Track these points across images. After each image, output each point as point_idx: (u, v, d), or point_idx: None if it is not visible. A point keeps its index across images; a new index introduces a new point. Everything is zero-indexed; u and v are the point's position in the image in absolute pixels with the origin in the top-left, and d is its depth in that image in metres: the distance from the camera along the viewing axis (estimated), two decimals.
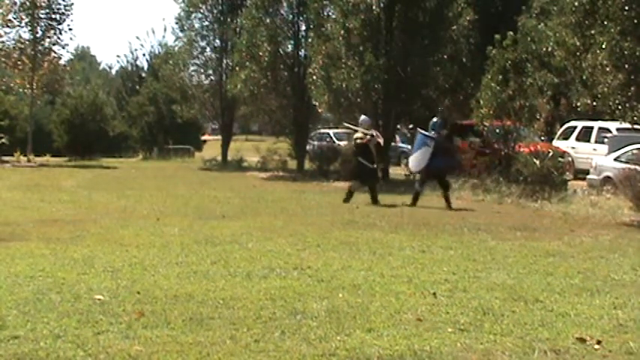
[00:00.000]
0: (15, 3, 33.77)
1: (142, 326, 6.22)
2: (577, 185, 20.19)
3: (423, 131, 17.41)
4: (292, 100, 28.19)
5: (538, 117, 20.98)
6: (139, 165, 33.86)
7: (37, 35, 33.89)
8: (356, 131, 17.49)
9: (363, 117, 17.97)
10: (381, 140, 17.52)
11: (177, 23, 33.95)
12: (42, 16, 33.93)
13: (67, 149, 38.81)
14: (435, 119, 17.54)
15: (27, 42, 33.99)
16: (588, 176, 20.47)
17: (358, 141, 17.14)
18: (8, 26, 33.90)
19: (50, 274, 8.19)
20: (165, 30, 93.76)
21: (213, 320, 6.45)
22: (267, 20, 27.84)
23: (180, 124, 40.76)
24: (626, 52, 14.87)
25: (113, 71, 70.11)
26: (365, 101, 22.86)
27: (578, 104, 19.64)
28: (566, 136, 25.96)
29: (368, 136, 17.08)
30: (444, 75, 24.16)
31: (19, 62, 33.77)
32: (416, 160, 17.15)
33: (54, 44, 34.24)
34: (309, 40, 27.06)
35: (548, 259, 9.83)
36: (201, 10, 33.28)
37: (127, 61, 55.49)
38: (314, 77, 23.77)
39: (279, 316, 6.60)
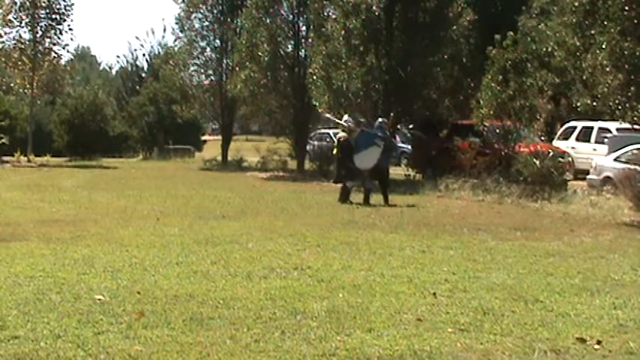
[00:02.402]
0: (15, 3, 33.75)
1: (142, 326, 6.23)
2: (577, 185, 20.18)
3: (367, 130, 18.01)
4: (292, 100, 28.16)
5: (538, 117, 20.95)
6: (139, 165, 33.85)
7: (37, 35, 33.86)
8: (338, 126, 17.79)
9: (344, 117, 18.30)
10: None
11: (177, 23, 33.92)
12: (42, 16, 33.89)
13: (67, 149, 38.76)
14: (380, 120, 18.09)
15: (27, 42, 33.94)
16: (588, 176, 20.45)
17: (342, 139, 17.37)
18: (8, 26, 33.89)
19: (50, 274, 8.19)
20: (165, 30, 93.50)
21: (213, 320, 6.45)
22: (267, 20, 27.79)
23: (180, 124, 40.72)
24: (626, 52, 14.87)
25: (113, 71, 69.98)
26: (365, 101, 22.84)
27: (579, 104, 19.61)
28: (566, 137, 25.94)
29: (344, 132, 17.49)
30: (444, 75, 24.14)
31: (19, 62, 33.74)
32: (365, 157, 17.26)
33: (54, 44, 34.21)
34: (309, 40, 27.03)
35: (548, 259, 9.84)
36: (201, 10, 33.24)
37: (127, 62, 55.48)
38: (314, 77, 23.75)
39: (279, 316, 6.60)
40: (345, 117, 18.33)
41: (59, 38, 34.18)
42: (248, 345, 5.79)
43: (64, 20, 34.09)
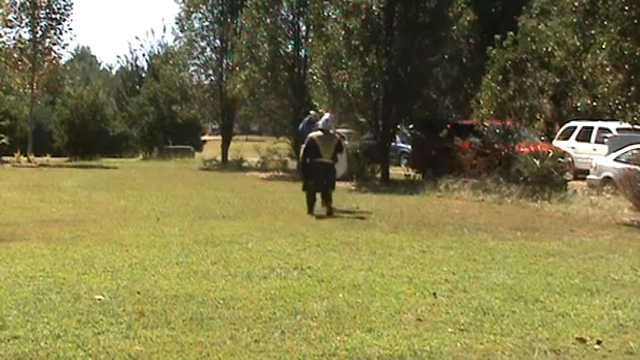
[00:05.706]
0: (15, 3, 33.75)
1: (142, 326, 6.23)
2: (577, 185, 20.18)
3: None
4: (292, 100, 28.16)
5: (538, 117, 20.95)
6: (139, 165, 33.84)
7: (37, 35, 33.85)
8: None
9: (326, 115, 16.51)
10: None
11: (177, 23, 33.88)
12: (42, 16, 33.88)
13: (67, 149, 38.72)
14: (325, 116, 17.64)
15: (27, 42, 33.93)
16: (588, 176, 20.45)
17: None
18: (8, 26, 33.87)
19: (50, 274, 8.20)
20: (165, 30, 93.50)
21: (213, 320, 6.45)
22: (267, 20, 27.79)
23: (180, 124, 40.70)
24: (626, 52, 14.87)
25: (113, 71, 70.02)
26: (365, 101, 22.84)
27: (579, 104, 19.60)
28: (566, 137, 25.94)
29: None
30: (444, 75, 24.13)
31: (19, 62, 33.72)
32: (341, 162, 16.87)
33: (54, 44, 34.17)
34: (309, 40, 27.03)
35: (548, 259, 9.84)
36: (202, 10, 33.21)
37: (127, 62, 55.43)
38: (314, 77, 23.75)
39: (279, 316, 6.60)
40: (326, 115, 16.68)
41: (59, 38, 34.17)
42: (248, 345, 5.79)
43: (64, 20, 34.09)
